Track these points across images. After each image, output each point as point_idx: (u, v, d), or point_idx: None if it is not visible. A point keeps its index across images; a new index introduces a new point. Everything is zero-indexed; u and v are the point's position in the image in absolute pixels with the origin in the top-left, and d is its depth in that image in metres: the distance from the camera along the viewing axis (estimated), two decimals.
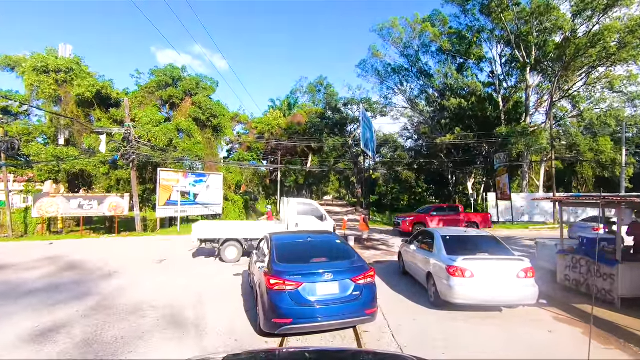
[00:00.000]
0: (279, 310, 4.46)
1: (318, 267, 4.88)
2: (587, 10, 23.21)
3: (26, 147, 21.98)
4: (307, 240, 5.93)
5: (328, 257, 5.27)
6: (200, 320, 5.40)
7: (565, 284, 6.80)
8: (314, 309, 4.56)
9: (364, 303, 4.75)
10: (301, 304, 4.53)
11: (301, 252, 5.47)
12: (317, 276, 4.71)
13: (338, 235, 6.46)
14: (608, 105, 29.40)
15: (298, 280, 4.62)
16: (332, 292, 4.68)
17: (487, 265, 5.79)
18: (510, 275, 5.67)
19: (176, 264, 10.05)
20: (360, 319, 4.80)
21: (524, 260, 5.88)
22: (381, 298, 5.67)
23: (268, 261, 5.11)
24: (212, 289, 7.22)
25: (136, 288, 7.34)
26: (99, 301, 6.42)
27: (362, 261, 5.28)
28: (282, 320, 4.44)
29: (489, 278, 5.64)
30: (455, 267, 5.71)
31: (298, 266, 4.92)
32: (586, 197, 7.35)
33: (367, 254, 12.21)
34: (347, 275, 4.83)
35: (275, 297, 4.54)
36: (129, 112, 17.46)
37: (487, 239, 6.77)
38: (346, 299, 4.69)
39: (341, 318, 4.62)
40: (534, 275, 5.76)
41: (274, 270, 4.80)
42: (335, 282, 4.72)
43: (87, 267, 9.60)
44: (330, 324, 4.62)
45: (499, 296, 5.66)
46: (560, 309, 6.09)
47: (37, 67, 20.41)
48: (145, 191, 22.96)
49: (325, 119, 39.08)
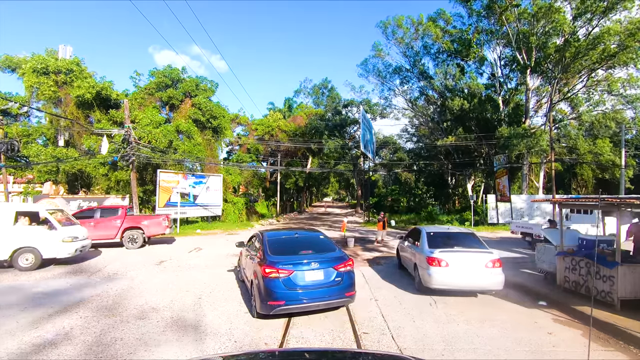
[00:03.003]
0: (273, 295, 5.16)
1: (306, 258, 5.63)
2: (587, 13, 23.27)
3: (25, 149, 21.99)
4: (295, 237, 6.70)
5: (314, 250, 6.02)
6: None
7: (565, 286, 6.78)
8: (303, 292, 5.30)
9: (344, 287, 5.56)
10: (292, 288, 5.26)
11: (290, 246, 6.20)
12: (305, 265, 5.47)
13: (322, 232, 7.12)
14: (607, 107, 29.48)
15: (289, 268, 5.36)
16: (318, 279, 5.45)
17: (460, 256, 6.70)
18: (479, 265, 6.57)
19: (175, 265, 10.03)
20: (341, 300, 5.59)
21: (493, 252, 6.78)
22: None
23: (262, 254, 5.76)
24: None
25: (139, 291, 7.32)
26: (100, 305, 6.40)
27: (342, 253, 6.05)
28: (276, 303, 5.14)
29: (461, 267, 6.57)
30: (433, 258, 6.68)
31: (289, 257, 5.63)
32: (585, 198, 7.35)
33: (368, 255, 12.18)
34: (330, 264, 5.60)
35: (270, 283, 5.23)
36: (128, 113, 17.45)
37: (466, 235, 7.72)
38: (330, 284, 5.47)
39: (325, 300, 5.40)
40: (501, 265, 6.66)
41: (268, 260, 5.48)
42: (320, 270, 5.50)
43: (86, 269, 9.57)
44: (317, 305, 5.38)
45: (470, 282, 6.58)
46: (560, 311, 6.08)
47: (36, 68, 20.44)
48: (145, 192, 22.95)
49: (325, 120, 39.12)
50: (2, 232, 9.12)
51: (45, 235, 9.33)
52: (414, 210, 34.37)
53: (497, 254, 6.81)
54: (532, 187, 32.77)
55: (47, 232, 9.38)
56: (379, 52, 34.23)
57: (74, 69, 21.69)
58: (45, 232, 9.37)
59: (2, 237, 9.06)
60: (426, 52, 33.68)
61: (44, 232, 9.37)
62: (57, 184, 22.24)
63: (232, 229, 21.03)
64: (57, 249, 9.35)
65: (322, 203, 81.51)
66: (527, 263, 10.14)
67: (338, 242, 12.44)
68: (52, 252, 9.34)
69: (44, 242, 9.29)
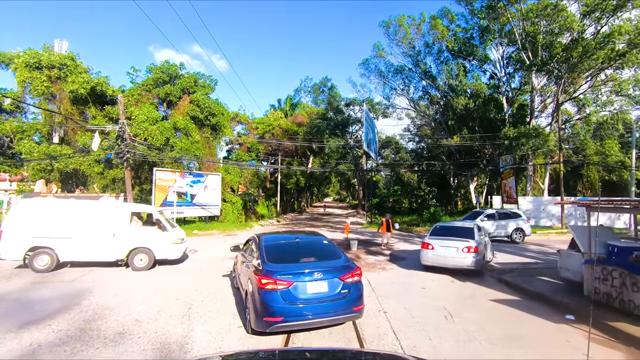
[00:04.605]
0: (270, 309, 4.47)
1: (308, 267, 4.91)
2: (596, 11, 22.63)
3: (19, 145, 21.37)
4: (295, 241, 6.00)
5: (317, 257, 5.32)
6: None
7: (595, 298, 6.12)
8: (305, 307, 4.60)
9: (351, 300, 4.84)
10: (292, 302, 4.57)
11: (290, 252, 5.52)
12: (307, 275, 4.76)
13: (325, 236, 6.39)
14: (615, 108, 28.84)
15: (289, 279, 4.66)
16: (321, 291, 4.75)
17: (442, 242, 9.07)
18: (457, 249, 8.77)
19: (167, 269, 9.39)
20: (348, 315, 4.89)
21: (470, 241, 8.73)
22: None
23: (258, 261, 5.10)
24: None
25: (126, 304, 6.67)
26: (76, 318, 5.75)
27: (349, 260, 5.35)
28: (274, 319, 4.45)
29: (442, 250, 8.97)
30: (426, 243, 9.29)
31: (288, 265, 4.96)
32: (621, 201, 6.69)
33: (372, 259, 11.53)
34: (336, 275, 4.90)
35: (267, 296, 4.55)
36: (123, 108, 16.82)
37: (465, 228, 9.50)
38: (335, 296, 4.77)
39: (330, 315, 4.70)
40: (476, 251, 8.61)
41: (265, 270, 4.80)
42: (324, 280, 4.79)
43: (67, 275, 8.93)
44: (321, 321, 4.68)
45: (449, 262, 8.86)
46: (593, 327, 5.42)
47: (29, 63, 19.81)
48: (141, 191, 22.31)
49: (327, 119, 38.47)
50: (119, 232, 9.26)
51: (159, 237, 9.50)
52: (416, 211, 33.63)
53: (472, 242, 8.73)
54: (536, 189, 32.11)
55: (160, 233, 9.58)
56: (381, 51, 33.74)
57: (68, 63, 21.04)
58: (158, 233, 9.56)
59: (120, 237, 9.22)
60: (428, 51, 33.19)
61: (157, 233, 9.56)
62: (50, 183, 21.59)
63: (230, 230, 20.38)
64: (168, 250, 9.50)
65: (321, 203, 79.75)
66: (542, 269, 9.49)
67: (340, 245, 11.79)
68: (164, 253, 9.46)
69: (157, 243, 9.41)
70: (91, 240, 9.04)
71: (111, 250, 9.14)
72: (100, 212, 9.47)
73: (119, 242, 9.16)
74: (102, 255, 9.11)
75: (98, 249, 9.06)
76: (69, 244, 8.87)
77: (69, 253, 8.90)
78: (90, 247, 9.01)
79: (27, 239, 8.68)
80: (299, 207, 48.24)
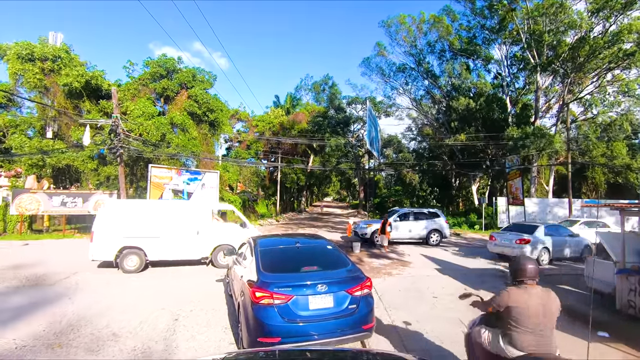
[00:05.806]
0: (265, 328, 3.82)
1: (310, 278, 4.25)
2: (605, 9, 22.02)
3: (11, 140, 20.70)
4: (295, 246, 5.18)
5: (320, 266, 4.65)
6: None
7: (629, 312, 5.50)
8: (306, 325, 3.94)
9: (360, 317, 4.19)
10: (291, 320, 3.90)
11: (290, 259, 4.83)
12: (309, 288, 4.09)
13: (329, 240, 5.67)
14: (622, 108, 28.18)
15: (288, 292, 3.98)
16: (326, 306, 4.07)
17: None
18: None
19: (156, 272, 8.75)
20: (357, 335, 4.22)
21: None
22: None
23: (252, 270, 4.43)
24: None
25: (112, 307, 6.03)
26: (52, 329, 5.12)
27: (358, 270, 4.70)
28: (269, 339, 3.81)
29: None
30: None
31: (287, 276, 4.29)
32: None
33: (376, 262, 10.90)
34: (343, 287, 4.23)
35: (262, 312, 3.88)
36: (117, 102, 16.18)
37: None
38: (341, 313, 4.10)
39: (336, 335, 4.01)
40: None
41: (260, 281, 4.13)
42: (329, 294, 4.12)
43: (50, 277, 8.29)
44: (324, 342, 3.96)
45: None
46: (632, 347, 4.80)
47: (21, 54, 19.12)
48: (137, 189, 21.64)
49: (327, 117, 37.84)
50: (203, 230, 9.20)
51: (240, 233, 9.37)
52: None
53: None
54: (540, 191, 31.50)
55: (241, 230, 9.59)
56: (382, 50, 33.21)
57: (62, 56, 20.35)
58: (240, 230, 9.56)
59: (205, 235, 9.21)
60: (430, 50, 32.63)
61: (239, 230, 9.56)
62: (41, 179, 20.93)
63: None
64: None
65: (320, 203, 78.44)
66: (560, 276, 8.87)
67: (342, 247, 11.16)
68: None
69: (238, 241, 9.09)
70: (177, 239, 9.00)
71: (196, 249, 9.14)
72: (185, 210, 9.48)
73: (203, 240, 9.16)
74: (187, 254, 9.07)
75: (184, 248, 9.04)
76: (157, 244, 8.82)
77: (157, 252, 8.83)
78: (176, 246, 8.97)
79: (119, 239, 8.59)
80: (299, 206, 47.62)
